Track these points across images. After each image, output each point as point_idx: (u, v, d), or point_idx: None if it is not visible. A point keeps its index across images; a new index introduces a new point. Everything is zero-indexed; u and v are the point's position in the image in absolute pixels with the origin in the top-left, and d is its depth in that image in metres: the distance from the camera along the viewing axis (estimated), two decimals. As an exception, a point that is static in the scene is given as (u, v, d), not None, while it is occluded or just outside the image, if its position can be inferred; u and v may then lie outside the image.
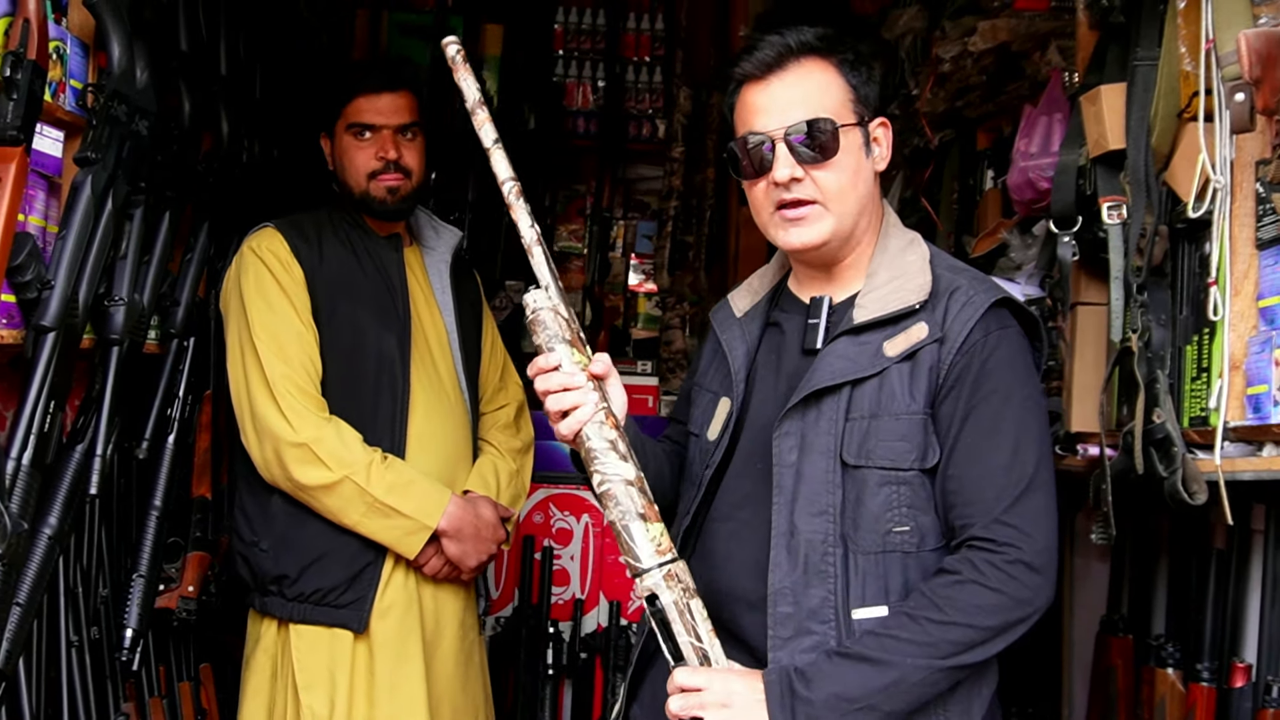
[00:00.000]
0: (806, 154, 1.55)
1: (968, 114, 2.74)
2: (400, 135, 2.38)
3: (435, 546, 2.31)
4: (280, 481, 2.27)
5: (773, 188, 1.56)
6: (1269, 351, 1.61)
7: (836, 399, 1.55)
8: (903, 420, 1.52)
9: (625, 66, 4.20)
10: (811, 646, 1.52)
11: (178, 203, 2.29)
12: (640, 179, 4.33)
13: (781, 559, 1.54)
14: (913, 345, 1.54)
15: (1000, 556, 1.49)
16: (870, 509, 1.53)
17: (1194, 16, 1.75)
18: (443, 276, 2.50)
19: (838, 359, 1.56)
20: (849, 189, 1.58)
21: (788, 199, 1.56)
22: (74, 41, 1.99)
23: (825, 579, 1.52)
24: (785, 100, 1.56)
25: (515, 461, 2.55)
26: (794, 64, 1.57)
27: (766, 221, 1.60)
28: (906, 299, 1.56)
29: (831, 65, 1.59)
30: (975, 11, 2.55)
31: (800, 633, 1.52)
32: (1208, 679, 1.90)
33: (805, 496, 1.54)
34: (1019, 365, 1.56)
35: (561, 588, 3.57)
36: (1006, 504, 1.50)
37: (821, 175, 1.56)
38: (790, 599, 1.53)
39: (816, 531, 1.53)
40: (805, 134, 1.54)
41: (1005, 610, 1.48)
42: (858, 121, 1.59)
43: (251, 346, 2.27)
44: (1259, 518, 1.87)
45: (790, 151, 1.55)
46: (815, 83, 1.56)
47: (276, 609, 2.31)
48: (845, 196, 1.57)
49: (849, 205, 1.58)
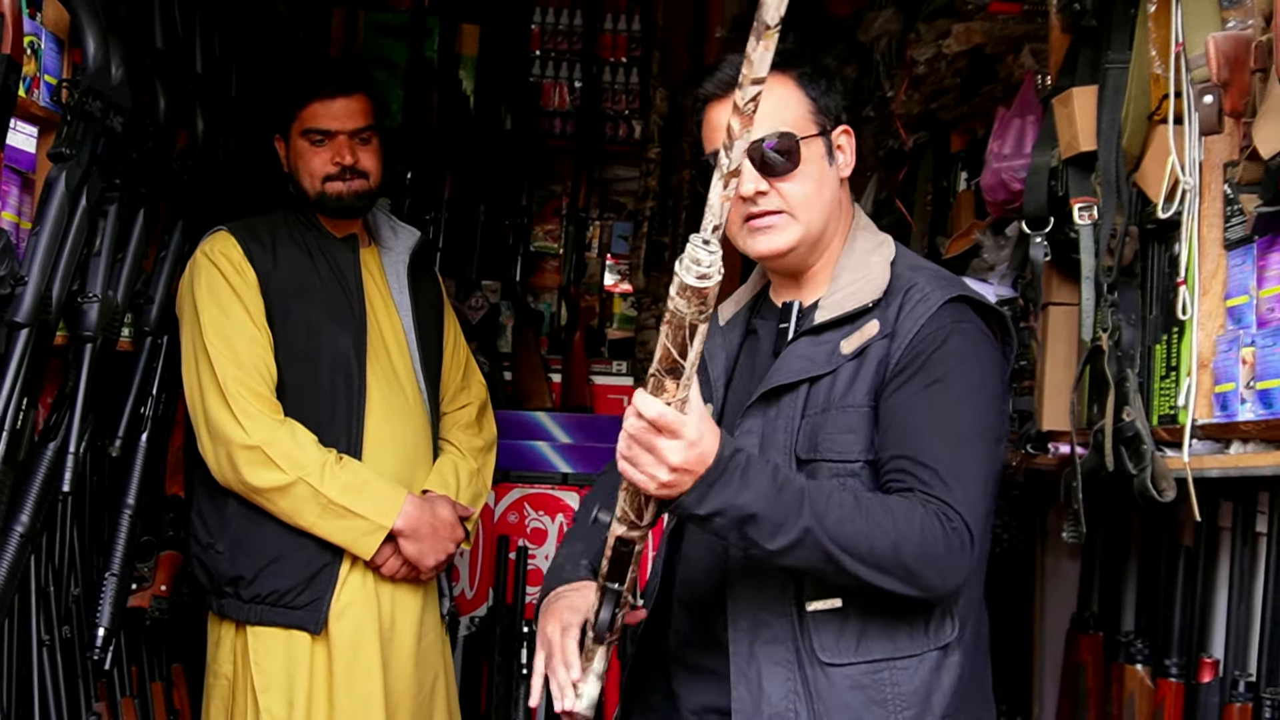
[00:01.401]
0: (771, 167, 1.59)
1: (942, 116, 2.76)
2: (355, 139, 2.38)
3: (392, 546, 2.31)
4: (234, 485, 2.27)
5: (740, 202, 1.60)
6: (1236, 350, 1.63)
7: (794, 396, 1.59)
8: (849, 413, 1.56)
9: (602, 67, 4.21)
10: (769, 639, 1.54)
11: (152, 200, 2.28)
12: (616, 179, 4.33)
13: (737, 553, 1.57)
14: (865, 342, 1.57)
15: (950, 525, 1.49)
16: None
17: (1164, 20, 1.78)
18: (400, 276, 2.50)
19: (796, 359, 1.60)
20: (814, 198, 1.61)
21: (755, 211, 1.60)
22: (49, 37, 1.98)
23: (779, 572, 1.54)
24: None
25: (476, 461, 2.55)
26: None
27: (735, 233, 1.63)
28: (861, 298, 1.59)
29: (791, 80, 1.63)
30: (950, 14, 2.57)
31: (757, 625, 1.56)
32: (1176, 675, 1.92)
33: None
34: (970, 358, 1.56)
35: (536, 587, 3.56)
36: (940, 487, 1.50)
37: (786, 186, 1.60)
38: (746, 594, 1.57)
39: None
40: (769, 148, 1.59)
41: (933, 570, 1.48)
42: (819, 132, 1.63)
43: (204, 351, 2.27)
44: (1227, 515, 1.90)
45: (755, 166, 1.59)
46: (775, 98, 1.59)
47: (233, 611, 2.31)
48: (811, 205, 1.61)
49: (814, 213, 1.62)
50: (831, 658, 1.53)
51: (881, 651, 1.54)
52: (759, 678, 1.54)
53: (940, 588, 1.50)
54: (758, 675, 1.54)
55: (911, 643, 1.55)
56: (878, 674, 1.53)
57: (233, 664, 2.32)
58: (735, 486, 1.38)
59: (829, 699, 1.52)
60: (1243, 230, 1.65)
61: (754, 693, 1.54)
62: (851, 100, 3.54)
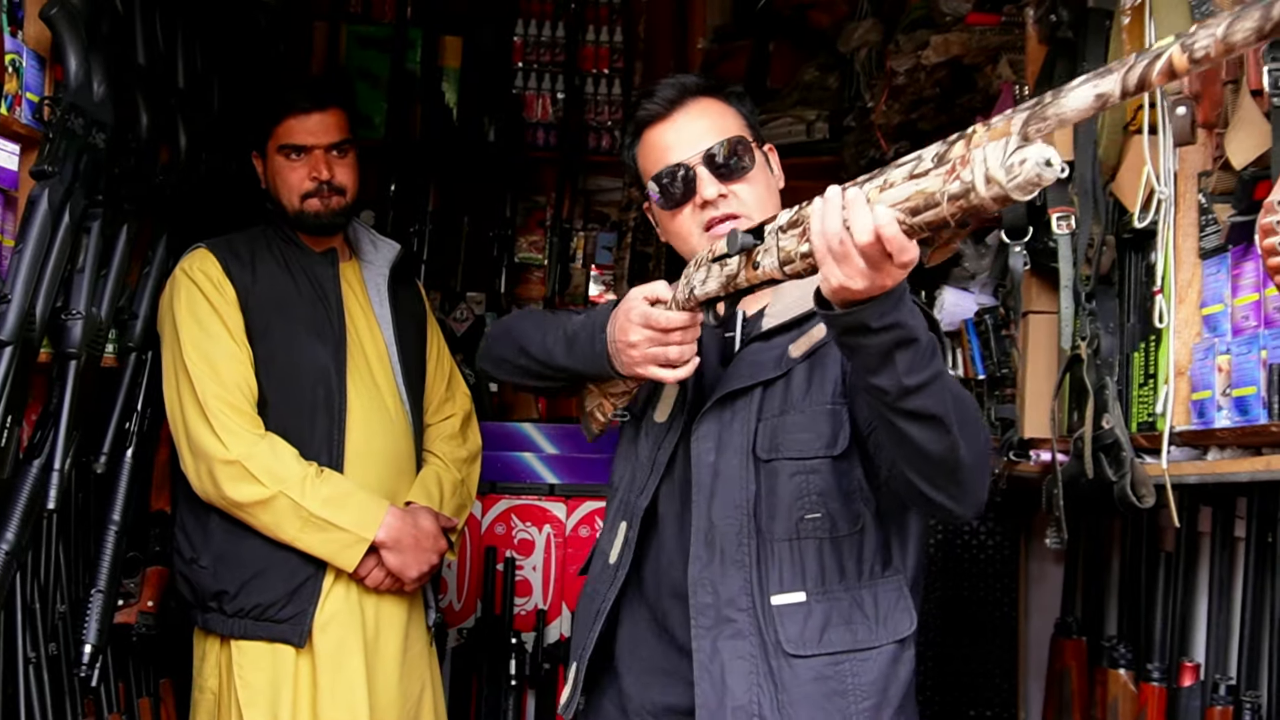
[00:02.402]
0: (727, 171, 1.63)
1: (922, 125, 2.78)
2: (331, 154, 2.39)
3: (375, 558, 2.31)
4: (215, 500, 2.27)
5: (698, 210, 1.64)
6: (1212, 358, 1.65)
7: (749, 400, 1.62)
8: (807, 414, 1.59)
9: (584, 79, 4.22)
10: (732, 634, 1.57)
11: (136, 215, 2.28)
12: (600, 190, 4.34)
13: (700, 551, 1.60)
14: (814, 345, 1.61)
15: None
16: (783, 498, 1.59)
17: (1137, 32, 1.80)
18: (381, 289, 2.50)
19: (748, 364, 1.64)
20: (766, 199, 1.66)
21: (716, 215, 1.63)
22: (30, 54, 1.99)
23: (741, 569, 1.58)
24: (694, 130, 1.66)
25: (460, 471, 2.55)
26: (692, 100, 1.68)
27: (696, 244, 1.65)
28: (807, 303, 1.60)
29: (721, 100, 1.70)
30: (928, 26, 2.60)
31: (720, 621, 1.58)
32: (1158, 679, 1.94)
33: (722, 492, 1.61)
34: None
35: (524, 598, 3.57)
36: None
37: (742, 189, 1.64)
38: (709, 589, 1.59)
39: (731, 523, 1.59)
40: (722, 154, 1.63)
41: (983, 480, 1.48)
42: (758, 144, 1.69)
43: (184, 368, 2.28)
44: (1206, 520, 1.92)
45: (710, 172, 1.63)
46: (714, 114, 1.67)
47: (218, 625, 2.31)
48: (764, 207, 1.64)
49: (767, 215, 1.63)
50: (796, 649, 1.56)
51: (842, 644, 1.57)
52: (722, 673, 1.56)
53: (982, 495, 1.48)
54: (720, 670, 1.56)
55: (870, 635, 1.58)
56: (839, 665, 1.56)
57: (218, 678, 2.32)
58: (908, 310, 1.31)
59: (792, 689, 1.55)
60: (1217, 239, 1.67)
61: (717, 687, 1.56)
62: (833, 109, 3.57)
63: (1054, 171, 1.08)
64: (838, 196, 1.26)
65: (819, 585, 1.58)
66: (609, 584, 1.71)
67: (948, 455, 1.40)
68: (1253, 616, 1.76)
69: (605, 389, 1.73)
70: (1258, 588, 1.76)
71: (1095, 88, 1.01)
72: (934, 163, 1.17)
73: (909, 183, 1.19)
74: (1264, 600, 1.75)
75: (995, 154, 1.09)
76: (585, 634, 1.72)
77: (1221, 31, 0.91)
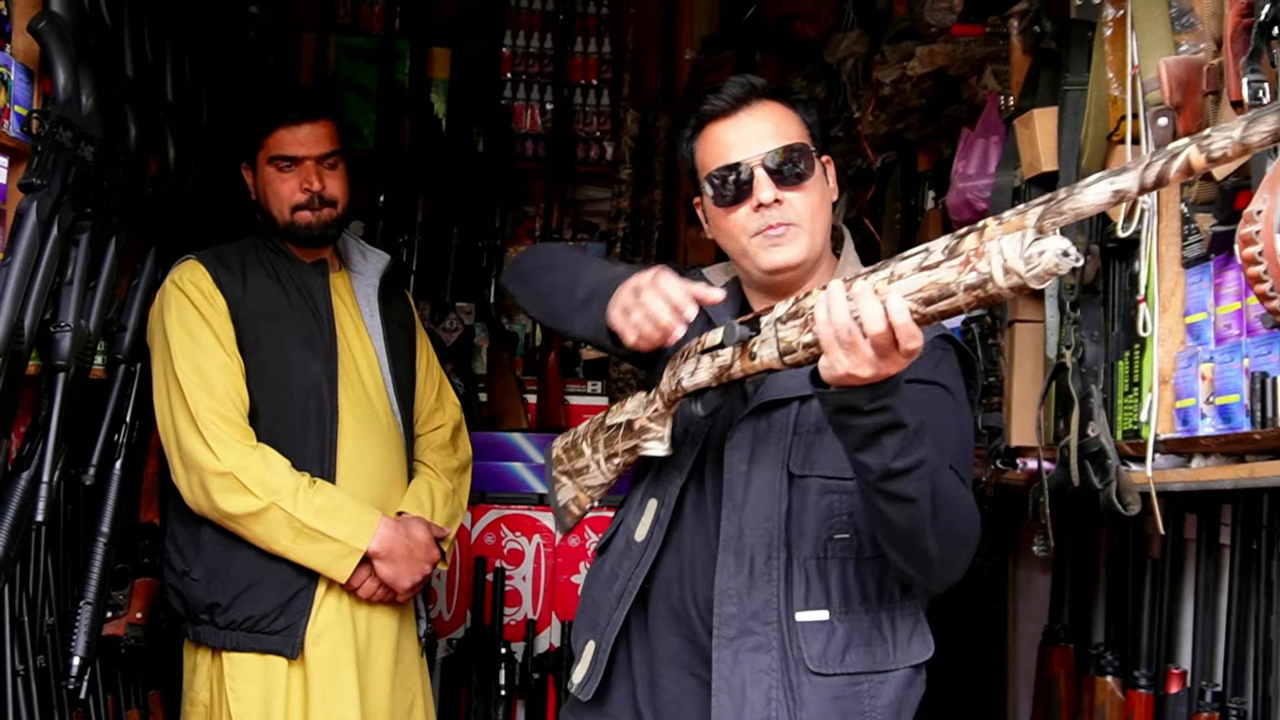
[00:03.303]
0: (784, 177, 1.63)
1: (908, 136, 2.80)
2: (322, 165, 2.40)
3: (368, 569, 2.31)
4: (208, 512, 2.27)
5: (753, 213, 1.64)
6: (1196, 366, 1.66)
7: (786, 413, 1.62)
8: None
9: (573, 89, 4.23)
10: (754, 647, 1.57)
11: (124, 228, 2.28)
12: (589, 200, 4.35)
13: (729, 561, 1.60)
14: None
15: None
16: (812, 516, 1.59)
17: (1120, 43, 1.82)
18: (371, 300, 2.51)
19: (788, 376, 1.61)
20: (819, 210, 1.67)
21: (771, 221, 1.63)
22: (18, 68, 1.99)
23: (769, 583, 1.58)
24: (757, 132, 1.66)
25: (451, 481, 2.56)
26: (758, 102, 1.68)
27: (746, 245, 1.66)
28: None
29: (786, 105, 1.70)
30: (913, 37, 2.61)
31: (744, 633, 1.58)
32: (1145, 686, 1.95)
33: (753, 503, 1.61)
34: (959, 385, 1.63)
35: (514, 608, 3.57)
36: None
37: (797, 198, 1.64)
38: (735, 600, 1.59)
39: (761, 537, 1.59)
40: (782, 159, 1.64)
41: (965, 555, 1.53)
42: (818, 153, 1.69)
43: (175, 379, 2.28)
44: (1191, 527, 1.93)
45: (769, 176, 1.63)
46: (778, 118, 1.67)
47: (209, 638, 2.30)
48: (817, 217, 1.66)
49: (820, 225, 1.67)
50: (819, 667, 1.56)
51: (862, 665, 1.58)
52: (742, 685, 1.56)
53: (953, 574, 1.54)
54: (741, 683, 1.56)
55: (888, 658, 1.59)
56: (858, 686, 1.57)
57: (209, 691, 2.31)
58: (900, 396, 1.36)
59: (812, 707, 1.55)
60: (1200, 249, 1.69)
61: (736, 699, 1.56)
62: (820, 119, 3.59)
63: (1070, 261, 1.14)
64: (841, 289, 1.31)
65: (843, 605, 1.58)
66: (636, 562, 1.69)
67: (916, 539, 1.46)
68: (1238, 623, 1.77)
69: (581, 482, 1.73)
70: (1243, 594, 1.77)
71: (1113, 184, 1.06)
72: (945, 255, 1.21)
73: (920, 274, 1.23)
74: (1249, 607, 1.76)
75: (1013, 246, 1.14)
76: (606, 614, 1.70)
77: (1239, 134, 0.96)
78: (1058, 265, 1.13)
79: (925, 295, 1.23)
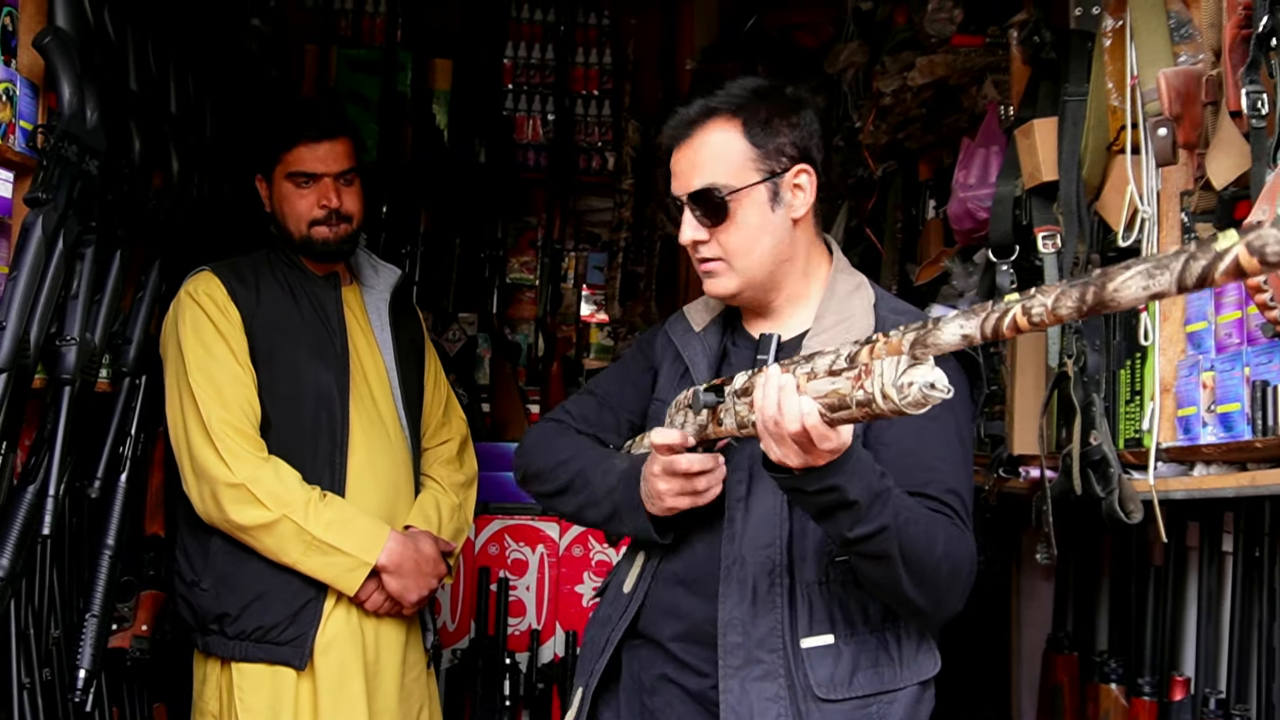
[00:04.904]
0: (705, 217, 1.61)
1: (909, 145, 2.81)
2: (339, 181, 2.41)
3: (376, 582, 2.32)
4: (219, 523, 2.28)
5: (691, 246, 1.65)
6: (1197, 375, 1.67)
7: None
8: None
9: (574, 100, 4.25)
10: (761, 676, 1.55)
11: (129, 241, 2.29)
12: (590, 211, 4.36)
13: (731, 590, 1.58)
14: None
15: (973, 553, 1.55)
16: (814, 540, 1.57)
17: (1119, 54, 1.83)
18: (382, 314, 2.52)
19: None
20: (750, 245, 1.62)
21: (697, 257, 1.64)
22: (23, 83, 2.00)
23: (773, 610, 1.56)
24: (687, 166, 1.63)
25: (458, 496, 2.56)
26: (698, 130, 1.63)
27: (697, 269, 1.68)
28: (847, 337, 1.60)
29: (735, 127, 1.62)
30: (914, 47, 2.62)
31: (750, 661, 1.55)
32: (1149, 693, 1.95)
33: (753, 529, 1.59)
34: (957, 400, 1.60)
35: (518, 618, 3.57)
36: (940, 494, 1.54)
37: (722, 236, 1.62)
38: (739, 629, 1.56)
39: (763, 563, 1.57)
40: (700, 199, 1.61)
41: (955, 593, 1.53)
42: (763, 179, 1.61)
43: (189, 390, 2.28)
44: (1194, 535, 1.93)
45: (693, 215, 1.62)
46: (713, 149, 1.61)
47: (218, 648, 2.31)
48: (748, 253, 1.62)
49: (753, 260, 1.63)
50: (827, 693, 1.54)
51: (870, 686, 1.56)
52: (750, 715, 1.54)
53: (947, 612, 1.54)
54: (749, 713, 1.54)
55: (895, 677, 1.58)
56: (867, 708, 1.55)
57: (219, 701, 2.32)
58: (847, 474, 1.37)
59: None
60: (1200, 258, 1.69)
61: None
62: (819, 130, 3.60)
63: (940, 394, 1.17)
64: (776, 377, 1.33)
65: (847, 628, 1.57)
66: (621, 611, 1.69)
67: (896, 590, 1.47)
68: (1241, 630, 1.77)
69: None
70: (1245, 601, 1.77)
71: (962, 328, 1.08)
72: (847, 363, 1.24)
73: (827, 379, 1.27)
74: (1252, 614, 1.76)
75: (889, 372, 1.18)
76: (593, 660, 1.70)
77: (1051, 302, 0.97)
78: (925, 397, 1.17)
79: (829, 402, 1.27)
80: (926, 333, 1.13)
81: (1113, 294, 0.94)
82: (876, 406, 1.20)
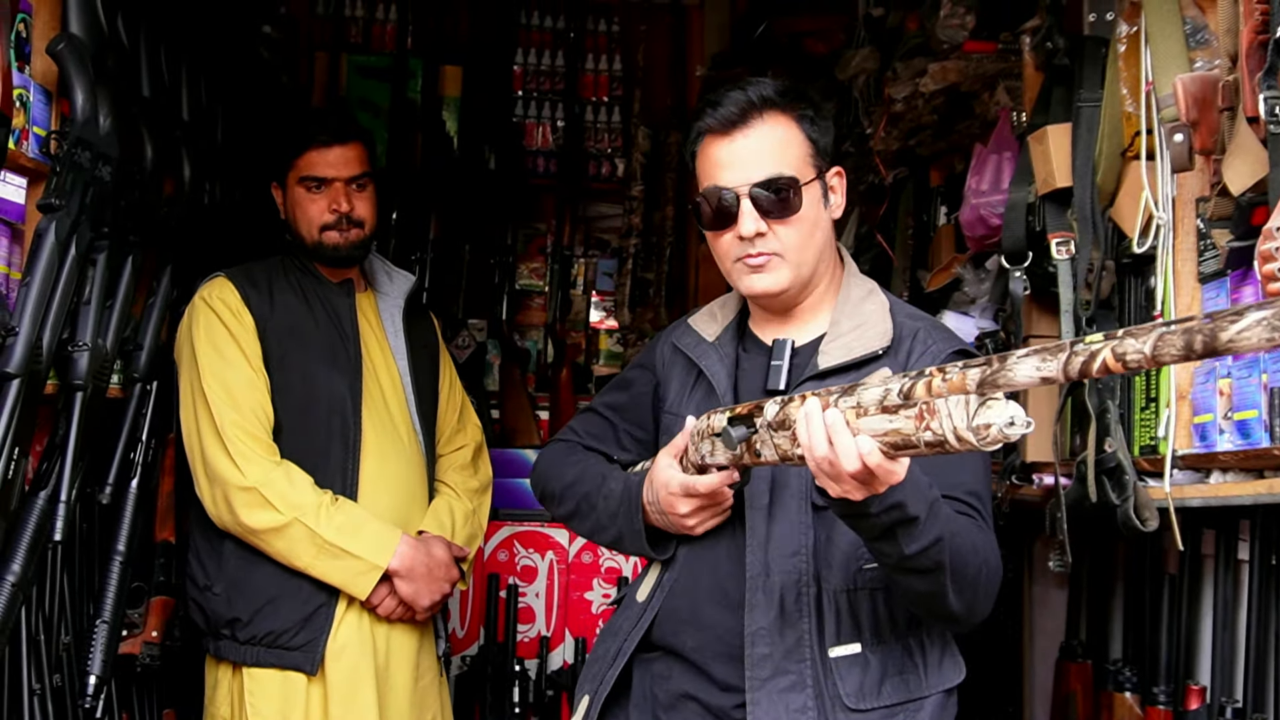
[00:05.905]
0: (770, 209, 1.58)
1: (920, 152, 2.80)
2: (351, 186, 2.41)
3: (388, 587, 2.32)
4: (230, 526, 2.28)
5: (737, 241, 1.60)
6: (1213, 382, 1.66)
7: None
8: None
9: (584, 106, 4.26)
10: (789, 686, 1.53)
11: (141, 247, 2.29)
12: (600, 217, 4.37)
13: (758, 600, 1.56)
14: None
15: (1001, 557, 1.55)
16: (840, 547, 1.56)
17: (1134, 60, 1.82)
18: (396, 320, 2.52)
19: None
20: (808, 241, 1.61)
21: (751, 251, 1.60)
22: (37, 89, 2.00)
23: (800, 619, 1.55)
24: (748, 156, 1.59)
25: (472, 502, 2.56)
26: (757, 120, 1.60)
27: (730, 269, 1.64)
28: (870, 345, 1.60)
29: (792, 120, 1.61)
30: (925, 53, 2.62)
31: (778, 673, 1.54)
32: (1164, 702, 1.94)
33: (778, 538, 1.57)
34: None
35: (527, 625, 3.57)
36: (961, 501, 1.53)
37: (783, 229, 1.59)
38: (767, 639, 1.55)
39: (790, 572, 1.56)
40: (769, 190, 1.57)
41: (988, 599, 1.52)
42: (817, 175, 1.62)
43: (202, 395, 2.29)
44: (1209, 543, 1.92)
45: (755, 206, 1.58)
46: (778, 139, 1.60)
47: (230, 653, 2.31)
48: (804, 248, 1.61)
49: (807, 255, 1.62)
50: (856, 703, 1.53)
51: (898, 695, 1.55)
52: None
53: (979, 618, 1.52)
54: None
55: (921, 685, 1.57)
56: (894, 718, 1.55)
57: (230, 706, 2.32)
58: (908, 489, 1.34)
59: None
60: (1216, 264, 1.68)
61: None
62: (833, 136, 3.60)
63: (1020, 429, 1.13)
64: (818, 413, 1.30)
65: (874, 636, 1.56)
66: (635, 622, 1.67)
67: (938, 600, 1.45)
68: (1258, 638, 1.76)
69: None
70: (1262, 610, 1.76)
71: (1039, 369, 1.04)
72: (900, 399, 1.21)
73: (882, 417, 1.24)
74: (1269, 622, 1.75)
75: (960, 414, 1.14)
76: (603, 670, 1.68)
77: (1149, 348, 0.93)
78: (1006, 436, 1.14)
79: (890, 441, 1.24)
80: (995, 372, 1.08)
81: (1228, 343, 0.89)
82: (950, 447, 1.17)
